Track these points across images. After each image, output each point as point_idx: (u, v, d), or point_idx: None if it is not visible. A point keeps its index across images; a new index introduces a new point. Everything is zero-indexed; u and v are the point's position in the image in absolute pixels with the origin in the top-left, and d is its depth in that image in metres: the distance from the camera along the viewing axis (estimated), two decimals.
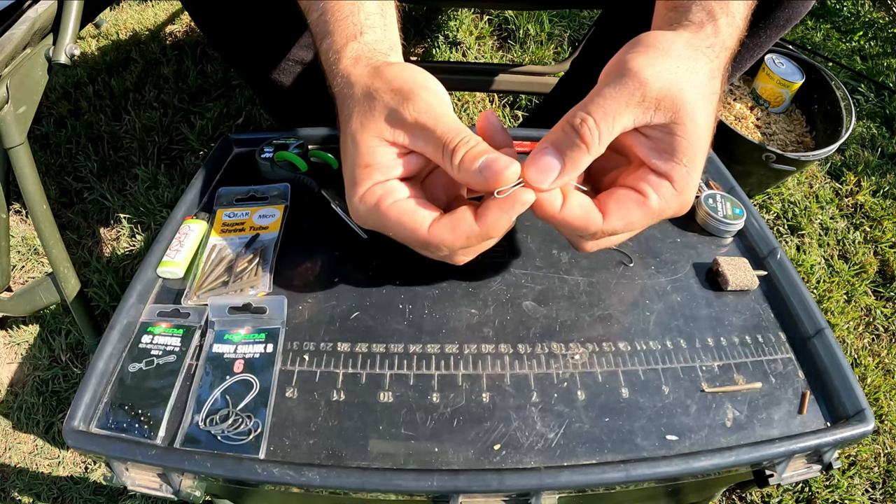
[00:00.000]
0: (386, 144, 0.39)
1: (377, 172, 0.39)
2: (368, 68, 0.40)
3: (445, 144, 0.37)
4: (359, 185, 0.39)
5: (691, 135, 0.36)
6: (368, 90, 0.39)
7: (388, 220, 0.39)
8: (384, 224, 0.39)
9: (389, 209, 0.39)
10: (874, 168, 1.21)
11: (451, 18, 1.39)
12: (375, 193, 0.39)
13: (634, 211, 0.38)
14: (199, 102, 1.23)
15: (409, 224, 0.38)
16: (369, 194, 0.39)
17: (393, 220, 0.39)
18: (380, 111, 0.38)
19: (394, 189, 0.39)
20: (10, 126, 0.60)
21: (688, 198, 0.38)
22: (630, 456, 0.38)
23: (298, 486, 0.36)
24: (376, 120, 0.38)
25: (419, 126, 0.37)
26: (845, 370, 0.42)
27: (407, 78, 0.39)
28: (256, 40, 0.69)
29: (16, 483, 0.80)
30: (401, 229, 0.39)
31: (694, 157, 0.37)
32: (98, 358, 0.42)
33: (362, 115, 0.39)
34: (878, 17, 1.61)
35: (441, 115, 0.38)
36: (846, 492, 0.79)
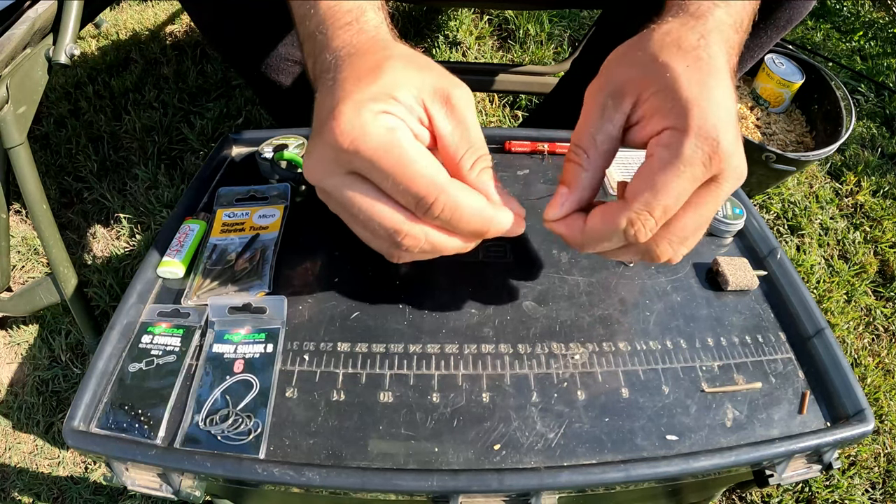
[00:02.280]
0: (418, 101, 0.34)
1: (393, 105, 0.33)
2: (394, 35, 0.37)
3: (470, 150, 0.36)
4: (369, 101, 0.32)
5: (663, 84, 0.34)
6: (416, 56, 0.35)
7: (401, 153, 0.32)
8: (390, 157, 0.32)
9: (408, 144, 0.33)
10: (874, 168, 1.21)
11: (451, 18, 1.39)
12: (388, 120, 0.33)
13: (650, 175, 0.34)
14: (199, 102, 1.23)
15: (430, 164, 0.33)
16: (382, 118, 0.33)
17: (412, 153, 0.32)
18: (430, 77, 0.35)
19: (408, 130, 0.34)
20: (10, 126, 0.60)
21: (706, 131, 0.32)
22: (630, 456, 0.38)
23: (298, 486, 0.36)
24: (425, 80, 0.34)
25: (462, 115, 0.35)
26: (845, 370, 0.42)
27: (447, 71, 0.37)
28: (256, 40, 0.69)
29: (16, 483, 0.80)
30: (415, 166, 0.33)
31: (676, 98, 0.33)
32: (98, 358, 0.42)
33: (409, 64, 0.34)
34: (878, 17, 1.61)
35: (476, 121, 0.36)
36: (846, 492, 0.79)
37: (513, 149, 0.60)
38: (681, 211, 0.35)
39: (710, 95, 0.33)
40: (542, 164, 0.59)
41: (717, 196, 0.35)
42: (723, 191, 0.35)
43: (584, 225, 0.37)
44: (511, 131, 0.63)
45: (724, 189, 0.35)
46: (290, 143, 0.58)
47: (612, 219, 0.35)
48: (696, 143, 0.33)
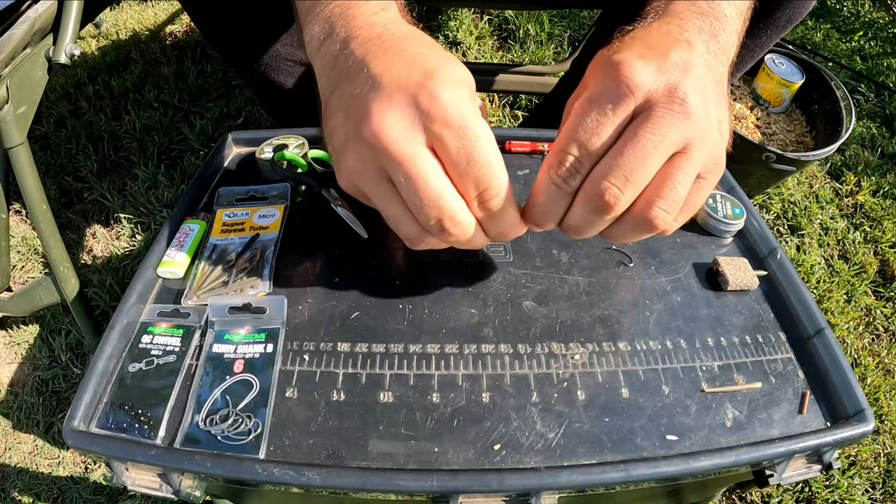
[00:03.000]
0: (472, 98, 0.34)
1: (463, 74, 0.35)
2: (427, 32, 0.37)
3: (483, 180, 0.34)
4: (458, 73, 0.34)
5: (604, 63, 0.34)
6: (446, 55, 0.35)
7: (478, 127, 0.32)
8: (467, 127, 0.32)
9: (481, 123, 0.33)
10: (874, 168, 1.21)
11: (451, 18, 1.39)
12: (469, 94, 0.34)
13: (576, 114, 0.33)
14: (199, 102, 1.23)
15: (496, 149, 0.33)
16: (466, 90, 0.33)
17: (486, 132, 0.33)
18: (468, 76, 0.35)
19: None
20: (10, 126, 0.60)
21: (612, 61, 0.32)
22: (630, 456, 0.38)
23: (298, 486, 0.36)
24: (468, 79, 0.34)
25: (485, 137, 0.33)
26: (845, 370, 0.42)
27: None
28: (256, 40, 0.69)
29: (16, 483, 0.80)
30: (487, 144, 0.33)
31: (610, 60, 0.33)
32: (98, 358, 0.42)
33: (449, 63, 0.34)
34: (878, 17, 1.61)
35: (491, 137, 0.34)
36: (846, 492, 0.79)
37: (513, 149, 0.60)
38: (616, 145, 0.33)
39: (630, 47, 0.33)
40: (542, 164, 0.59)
41: (651, 124, 0.31)
42: (657, 117, 0.31)
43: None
44: (511, 131, 0.63)
45: (658, 115, 0.31)
46: (290, 143, 0.58)
47: (540, 177, 0.35)
48: (601, 78, 0.32)
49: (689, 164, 0.33)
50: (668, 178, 0.33)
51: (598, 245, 0.51)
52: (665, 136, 0.32)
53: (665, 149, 0.32)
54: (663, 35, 0.35)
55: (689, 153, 0.33)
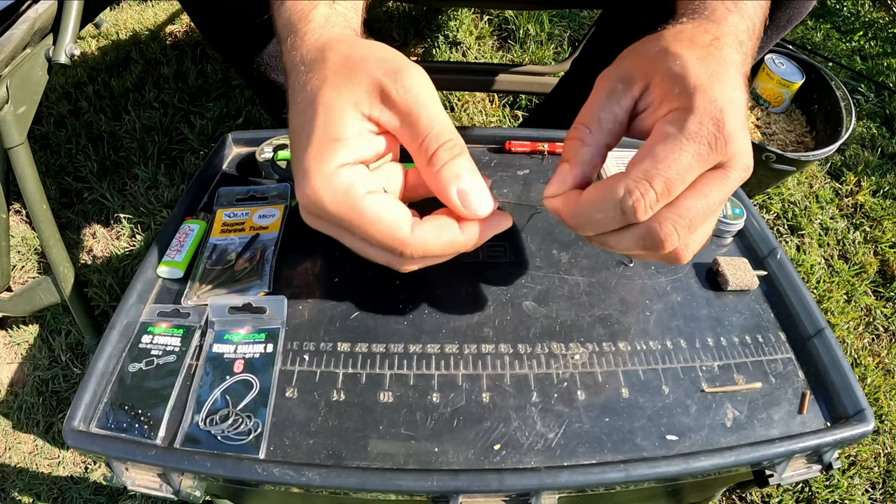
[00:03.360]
0: (361, 118, 0.34)
1: (344, 151, 0.34)
2: (348, 34, 0.37)
3: (427, 139, 0.34)
4: (323, 163, 0.33)
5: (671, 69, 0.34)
6: (349, 58, 0.35)
7: (362, 212, 0.34)
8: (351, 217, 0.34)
9: (365, 200, 0.34)
10: (874, 168, 1.21)
11: (451, 18, 1.39)
12: (344, 178, 0.34)
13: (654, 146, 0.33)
14: (199, 102, 1.23)
15: (389, 221, 0.34)
16: (336, 178, 0.33)
17: (369, 215, 0.34)
18: (361, 80, 0.34)
19: (364, 177, 0.35)
20: (10, 126, 0.60)
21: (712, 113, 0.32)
22: (630, 456, 0.38)
23: (298, 486, 0.36)
24: (356, 88, 0.34)
25: (406, 106, 0.34)
26: (845, 370, 0.42)
27: (396, 55, 0.36)
28: (255, 40, 0.69)
29: (16, 483, 0.80)
30: (377, 227, 0.34)
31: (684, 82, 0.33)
32: (98, 358, 0.42)
33: (339, 81, 0.34)
34: (878, 17, 1.61)
35: (429, 102, 0.34)
36: (846, 492, 0.79)
37: (513, 149, 0.60)
38: (686, 192, 0.33)
39: (718, 82, 0.33)
40: (542, 164, 0.59)
41: (724, 184, 0.33)
42: (730, 180, 0.33)
43: (578, 196, 0.35)
44: (511, 131, 0.63)
45: (732, 178, 0.33)
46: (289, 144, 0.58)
47: (610, 187, 0.33)
48: (700, 120, 0.32)
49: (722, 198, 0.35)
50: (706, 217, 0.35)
51: None
52: (726, 196, 0.34)
53: (720, 205, 0.35)
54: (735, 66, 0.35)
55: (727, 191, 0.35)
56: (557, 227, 0.53)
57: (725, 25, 0.37)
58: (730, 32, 0.37)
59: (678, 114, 0.33)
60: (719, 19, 0.37)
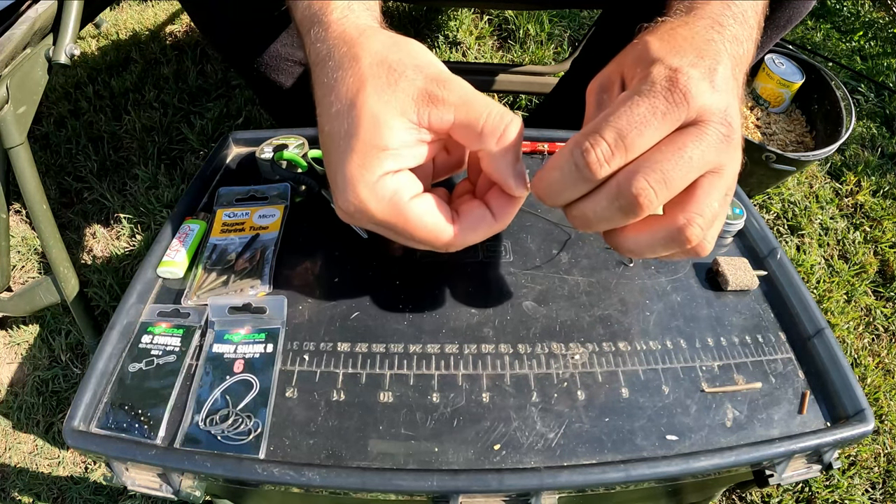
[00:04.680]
0: (409, 126, 0.34)
1: (391, 160, 0.34)
2: (380, 34, 0.36)
3: (490, 117, 0.34)
4: (369, 171, 0.34)
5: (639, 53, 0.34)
6: (385, 61, 0.34)
7: (407, 220, 0.35)
8: (397, 222, 0.35)
9: (410, 207, 0.35)
10: (874, 168, 1.21)
11: (451, 18, 1.39)
12: (390, 185, 0.34)
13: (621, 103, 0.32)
14: (199, 102, 1.23)
15: (432, 227, 0.36)
16: (381, 186, 0.34)
17: (414, 220, 0.35)
18: (405, 89, 0.34)
19: (409, 182, 0.35)
20: (10, 126, 0.60)
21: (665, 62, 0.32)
22: (630, 456, 0.38)
23: (298, 486, 0.36)
24: (401, 96, 0.34)
25: (459, 98, 0.34)
26: (845, 370, 0.42)
27: (430, 60, 0.35)
28: (255, 41, 0.69)
29: (16, 483, 0.80)
30: (422, 232, 0.36)
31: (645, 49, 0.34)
32: (98, 358, 0.42)
33: (380, 87, 0.34)
34: (878, 17, 1.61)
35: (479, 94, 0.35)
36: (846, 492, 0.79)
37: None
38: (657, 146, 0.32)
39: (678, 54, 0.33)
40: (542, 164, 0.59)
41: (700, 138, 0.32)
42: (707, 134, 0.32)
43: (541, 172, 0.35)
44: None
45: (709, 132, 0.32)
46: (290, 143, 0.58)
47: (565, 146, 0.33)
48: (653, 80, 0.32)
49: (722, 183, 0.34)
50: (704, 193, 0.33)
51: (598, 245, 0.51)
52: (707, 154, 0.32)
53: (704, 166, 0.33)
54: (707, 42, 0.35)
55: (722, 173, 0.33)
56: (557, 227, 0.53)
57: (703, 13, 0.36)
58: (706, 16, 0.36)
59: (635, 83, 0.33)
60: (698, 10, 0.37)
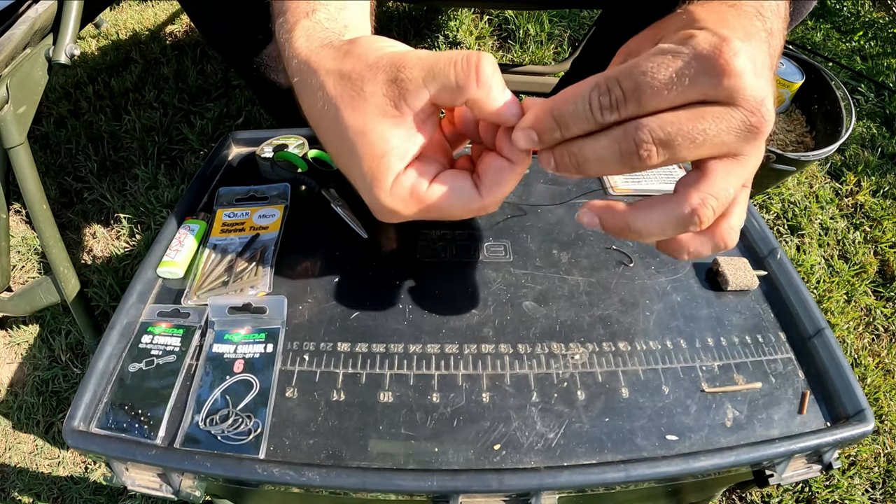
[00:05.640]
0: (396, 123, 0.35)
1: (395, 160, 0.35)
2: (331, 51, 0.37)
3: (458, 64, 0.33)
4: (381, 180, 0.35)
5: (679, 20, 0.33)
6: (342, 75, 0.35)
7: (434, 206, 0.36)
8: (430, 211, 0.36)
9: (429, 194, 0.36)
10: (874, 168, 1.21)
11: (451, 18, 1.39)
12: (405, 183, 0.36)
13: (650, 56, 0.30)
14: (199, 102, 1.23)
15: (459, 200, 0.36)
16: (399, 186, 0.36)
17: (440, 203, 0.36)
18: (372, 91, 0.34)
19: (422, 171, 0.36)
20: (10, 126, 0.60)
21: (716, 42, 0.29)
22: (630, 456, 0.38)
23: (298, 486, 0.36)
24: (373, 101, 0.34)
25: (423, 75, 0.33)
26: (845, 370, 0.42)
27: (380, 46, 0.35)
28: (255, 41, 0.69)
29: (16, 483, 0.80)
30: (452, 208, 0.36)
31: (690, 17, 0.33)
32: (98, 358, 0.42)
33: (350, 104, 0.35)
34: (878, 17, 1.61)
35: (435, 54, 0.34)
36: (846, 492, 0.79)
37: None
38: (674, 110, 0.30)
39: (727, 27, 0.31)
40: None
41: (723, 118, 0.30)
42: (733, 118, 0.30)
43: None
44: None
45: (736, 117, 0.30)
46: (290, 143, 0.58)
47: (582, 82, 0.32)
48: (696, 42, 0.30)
49: (740, 170, 0.32)
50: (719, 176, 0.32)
51: (598, 245, 0.51)
52: (725, 135, 0.30)
53: (720, 147, 0.31)
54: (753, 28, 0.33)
55: (742, 161, 0.32)
56: (557, 227, 0.53)
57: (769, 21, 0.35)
58: (749, 4, 0.35)
59: (675, 40, 0.31)
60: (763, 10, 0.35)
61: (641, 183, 0.58)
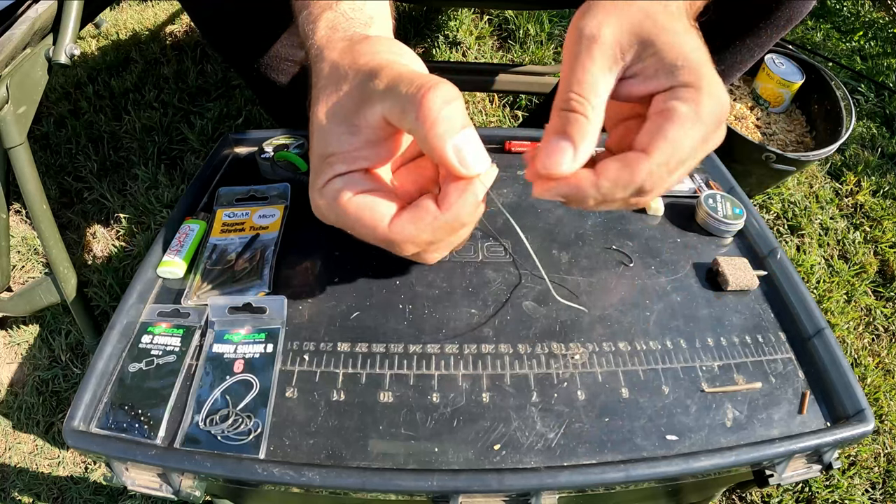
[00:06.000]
0: (351, 130, 0.35)
1: (339, 163, 0.35)
2: (343, 42, 0.37)
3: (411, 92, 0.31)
4: (318, 176, 0.36)
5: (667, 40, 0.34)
6: (336, 67, 0.35)
7: (347, 217, 0.36)
8: (344, 221, 0.36)
9: (348, 204, 0.35)
10: (874, 168, 1.21)
11: (451, 18, 1.39)
12: (334, 186, 0.36)
13: (672, 128, 0.33)
14: (199, 102, 1.23)
15: (368, 220, 0.35)
16: (329, 187, 0.36)
17: (352, 216, 0.35)
18: (346, 91, 0.34)
19: (354, 181, 0.36)
20: (10, 126, 0.60)
21: (716, 89, 0.33)
22: (630, 456, 0.38)
23: (298, 486, 0.36)
24: (341, 102, 0.34)
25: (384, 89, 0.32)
26: (845, 370, 0.42)
27: (378, 50, 0.35)
28: (255, 40, 0.69)
29: (16, 483, 0.80)
30: (360, 226, 0.36)
31: (689, 55, 0.33)
32: (98, 358, 0.42)
33: (328, 97, 0.35)
34: (878, 17, 1.61)
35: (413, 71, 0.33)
36: (846, 492, 0.79)
37: (513, 149, 0.60)
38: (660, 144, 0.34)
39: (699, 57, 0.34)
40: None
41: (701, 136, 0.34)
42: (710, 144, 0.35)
43: (596, 178, 0.34)
44: (511, 131, 0.63)
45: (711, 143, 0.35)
46: (290, 143, 0.58)
47: (635, 170, 0.33)
48: (715, 107, 0.33)
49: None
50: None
51: (598, 245, 0.51)
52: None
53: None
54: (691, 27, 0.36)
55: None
56: (557, 227, 0.53)
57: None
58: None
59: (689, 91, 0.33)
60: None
61: None
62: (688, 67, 0.33)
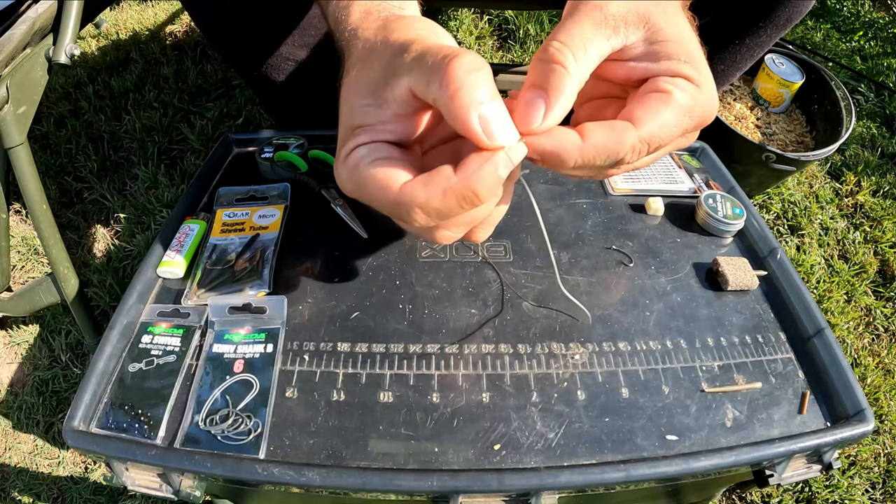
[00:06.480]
0: (378, 103, 0.34)
1: (364, 134, 0.34)
2: (378, 21, 0.37)
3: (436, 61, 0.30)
4: (343, 147, 0.35)
5: (675, 34, 0.34)
6: (371, 44, 0.35)
7: (363, 180, 0.34)
8: (360, 185, 0.34)
9: (366, 169, 0.34)
10: (874, 168, 1.21)
11: (451, 18, 1.39)
12: (357, 154, 0.34)
13: (665, 110, 0.33)
14: (199, 102, 1.23)
15: (381, 181, 0.33)
16: (353, 155, 0.35)
17: (367, 178, 0.34)
18: (375, 66, 0.34)
19: (376, 149, 0.34)
20: (10, 126, 0.60)
21: (710, 91, 0.34)
22: (630, 456, 0.38)
23: (298, 486, 0.36)
24: (370, 75, 0.34)
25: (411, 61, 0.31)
26: (845, 370, 0.42)
27: (412, 27, 0.34)
28: (255, 40, 0.69)
29: (16, 483, 0.80)
30: (373, 188, 0.34)
31: (690, 52, 0.34)
32: (98, 358, 0.42)
33: (358, 71, 0.35)
34: (878, 17, 1.61)
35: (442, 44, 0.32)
36: (846, 492, 0.79)
37: None
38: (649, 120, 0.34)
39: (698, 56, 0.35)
40: None
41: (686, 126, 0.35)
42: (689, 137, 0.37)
43: (582, 141, 0.32)
44: None
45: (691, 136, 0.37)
46: (290, 143, 0.58)
47: (622, 138, 0.32)
48: (705, 102, 0.34)
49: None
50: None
51: (598, 245, 0.51)
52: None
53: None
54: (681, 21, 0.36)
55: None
56: (557, 227, 0.53)
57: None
58: None
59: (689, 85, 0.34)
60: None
61: (641, 182, 0.58)
62: (692, 64, 0.34)
